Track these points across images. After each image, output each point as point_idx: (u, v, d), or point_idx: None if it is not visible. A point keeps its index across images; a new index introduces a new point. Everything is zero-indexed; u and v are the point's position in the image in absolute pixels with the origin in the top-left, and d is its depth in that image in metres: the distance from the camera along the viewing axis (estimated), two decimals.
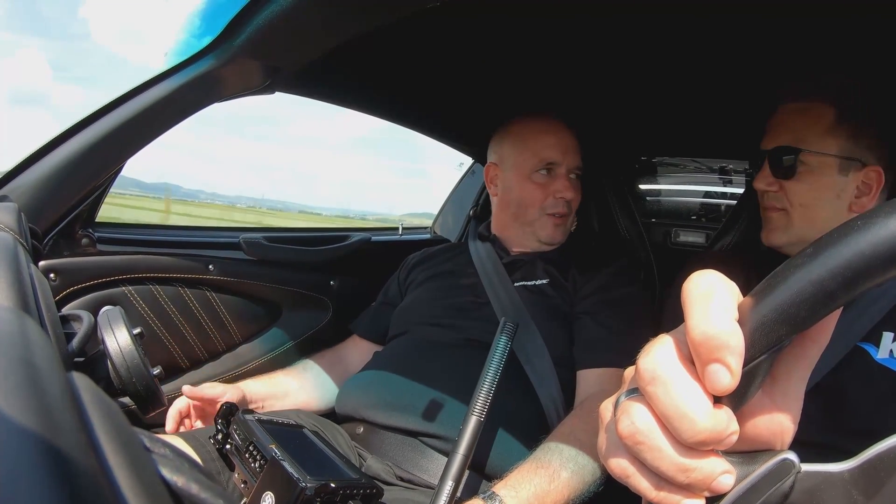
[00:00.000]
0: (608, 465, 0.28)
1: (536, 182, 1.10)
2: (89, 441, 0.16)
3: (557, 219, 1.11)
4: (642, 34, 0.91)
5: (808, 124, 0.81)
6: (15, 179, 0.74)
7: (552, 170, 1.10)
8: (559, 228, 1.12)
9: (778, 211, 0.84)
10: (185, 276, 1.00)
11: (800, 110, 0.83)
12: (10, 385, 0.16)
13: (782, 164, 0.83)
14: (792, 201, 0.82)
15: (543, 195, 1.10)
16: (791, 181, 0.82)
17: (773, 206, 0.85)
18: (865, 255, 0.22)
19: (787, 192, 0.83)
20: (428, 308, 1.08)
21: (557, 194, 1.09)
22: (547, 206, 1.10)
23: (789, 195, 0.83)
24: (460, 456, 0.66)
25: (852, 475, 0.25)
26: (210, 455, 0.77)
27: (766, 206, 0.86)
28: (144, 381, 0.48)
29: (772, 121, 0.87)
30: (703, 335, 0.24)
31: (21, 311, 0.31)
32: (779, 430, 0.27)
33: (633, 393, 0.27)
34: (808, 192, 0.81)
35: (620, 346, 0.92)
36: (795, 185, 0.82)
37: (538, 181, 1.10)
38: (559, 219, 1.11)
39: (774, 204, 0.84)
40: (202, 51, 0.80)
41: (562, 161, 1.10)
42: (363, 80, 1.14)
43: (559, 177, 1.10)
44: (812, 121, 0.81)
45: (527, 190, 1.11)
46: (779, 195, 0.84)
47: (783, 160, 0.82)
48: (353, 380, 1.01)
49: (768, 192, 0.85)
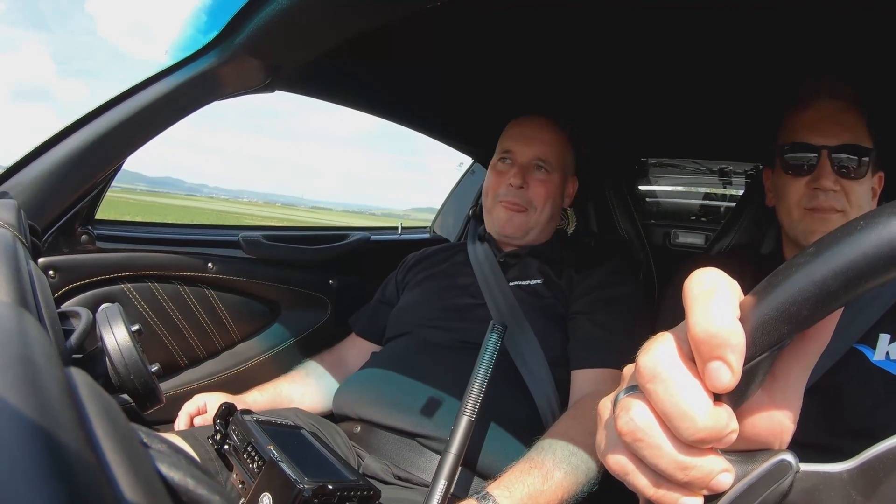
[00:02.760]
0: (606, 462, 0.28)
1: (496, 171, 1.14)
2: (87, 437, 0.17)
3: (509, 206, 1.10)
4: (642, 35, 0.91)
5: (858, 125, 0.78)
6: (15, 176, 0.74)
7: (510, 158, 1.12)
8: (512, 221, 1.10)
9: (837, 213, 0.77)
10: (185, 274, 1.00)
11: (847, 109, 0.79)
12: (9, 381, 0.16)
13: (849, 163, 0.77)
14: (852, 203, 0.77)
15: (498, 183, 1.12)
16: (853, 181, 0.77)
17: (833, 208, 0.77)
18: (868, 255, 0.22)
19: (847, 193, 0.77)
20: (424, 309, 1.08)
21: (507, 181, 1.10)
22: (500, 194, 1.11)
23: (850, 196, 0.77)
24: (452, 455, 0.67)
25: (851, 476, 0.25)
26: (208, 455, 0.77)
27: (822, 207, 0.78)
28: (142, 378, 0.48)
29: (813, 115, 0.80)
30: (704, 333, 0.24)
31: (20, 307, 0.31)
32: (778, 429, 0.27)
33: (633, 390, 0.27)
34: (864, 193, 0.78)
35: (615, 345, 0.92)
36: (858, 185, 0.77)
37: (498, 170, 1.13)
38: (511, 206, 1.10)
39: (833, 205, 0.77)
40: (203, 49, 0.80)
41: (518, 150, 1.11)
42: (363, 79, 1.14)
43: (514, 166, 1.11)
44: (860, 122, 0.79)
45: (489, 178, 1.15)
46: (839, 196, 0.77)
47: (851, 159, 0.77)
48: (350, 379, 1.01)
49: (829, 193, 0.77)
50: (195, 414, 0.90)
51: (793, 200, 0.81)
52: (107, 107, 0.78)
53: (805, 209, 0.79)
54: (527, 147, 1.11)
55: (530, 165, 1.11)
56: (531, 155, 1.11)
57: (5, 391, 0.16)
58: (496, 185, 1.12)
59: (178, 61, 0.80)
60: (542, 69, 1.11)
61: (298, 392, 1.04)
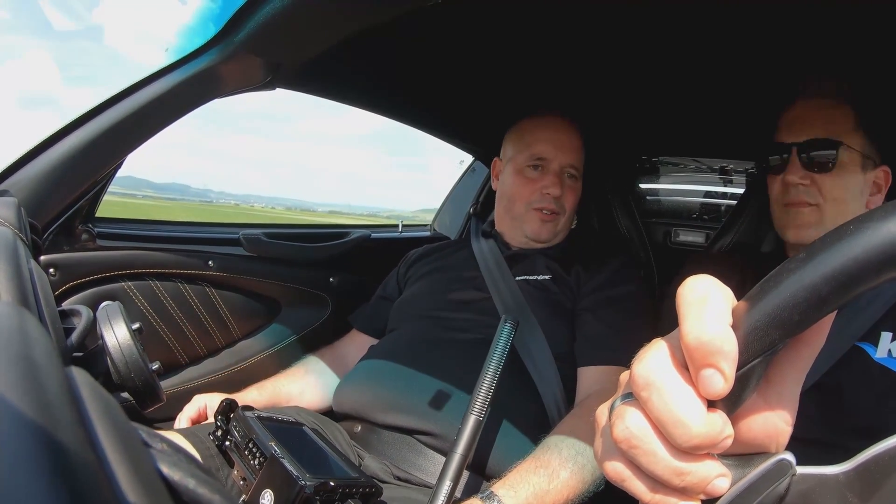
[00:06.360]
0: (604, 469, 0.28)
1: (527, 177, 1.11)
2: (88, 436, 0.17)
3: (544, 214, 1.10)
4: (643, 33, 0.91)
5: (840, 120, 0.80)
6: (15, 174, 0.74)
7: (543, 166, 1.10)
8: (546, 225, 1.10)
9: (809, 206, 0.81)
10: (185, 272, 1.00)
11: (829, 106, 0.81)
12: (10, 380, 0.16)
13: (817, 158, 0.80)
14: (825, 196, 0.80)
15: (531, 190, 1.10)
16: (826, 175, 0.80)
17: (804, 201, 0.81)
18: (858, 260, 0.22)
19: (819, 187, 0.80)
20: (427, 302, 1.07)
21: (545, 190, 1.09)
22: (533, 201, 1.10)
23: (823, 189, 0.80)
24: (459, 456, 0.65)
25: (847, 477, 0.25)
26: (209, 452, 0.76)
27: (793, 202, 0.82)
28: (143, 376, 0.48)
29: (792, 115, 0.84)
30: (696, 340, 0.24)
31: (20, 305, 0.31)
32: (774, 432, 0.27)
33: (628, 398, 0.27)
34: (841, 186, 0.79)
35: (622, 343, 0.92)
36: (830, 179, 0.80)
37: (529, 176, 1.11)
38: (546, 215, 1.10)
39: (805, 199, 0.81)
40: (203, 46, 0.79)
41: (553, 157, 1.10)
42: (364, 77, 1.14)
43: (549, 173, 1.10)
44: (843, 117, 0.80)
45: (517, 184, 1.12)
46: (810, 190, 0.80)
47: (819, 154, 0.80)
48: (350, 377, 1.01)
49: (798, 187, 0.81)
50: (195, 418, 0.89)
51: (773, 197, 0.86)
52: (107, 105, 0.78)
53: (783, 205, 0.84)
54: (561, 154, 1.10)
55: (563, 173, 1.11)
56: (565, 162, 1.10)
57: (6, 390, 0.16)
58: (528, 193, 1.10)
59: (178, 59, 0.80)
60: (544, 67, 1.10)
61: (297, 389, 1.04)
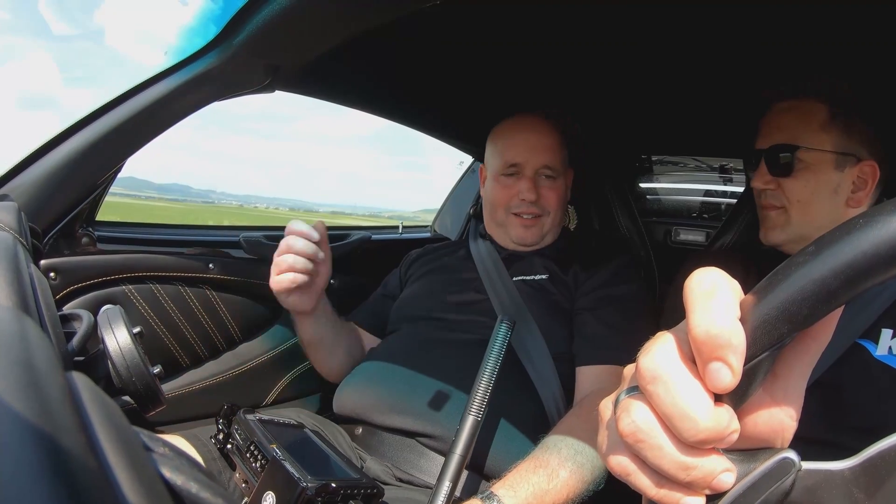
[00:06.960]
0: (608, 463, 0.28)
1: (503, 184, 1.11)
2: (89, 441, 0.17)
3: (524, 219, 1.10)
4: (642, 32, 0.91)
5: (803, 121, 0.81)
6: (15, 178, 0.74)
7: (517, 171, 1.10)
8: (529, 230, 1.10)
9: (776, 209, 0.84)
10: (186, 275, 1.00)
11: (792, 108, 0.83)
12: (10, 386, 0.16)
13: (779, 162, 0.83)
14: (790, 199, 0.82)
15: (508, 196, 1.10)
16: (788, 179, 0.82)
17: (771, 205, 0.85)
18: (868, 254, 0.22)
19: (784, 190, 0.83)
20: (426, 303, 1.08)
21: (520, 196, 1.09)
22: (512, 207, 1.10)
23: (787, 193, 0.83)
24: (457, 456, 0.65)
25: (853, 473, 0.25)
26: (211, 455, 0.77)
27: (763, 205, 0.87)
28: (144, 380, 0.48)
29: (764, 120, 0.87)
30: (705, 333, 0.24)
31: (21, 310, 0.31)
32: (780, 427, 0.27)
33: (634, 391, 0.27)
34: (805, 188, 0.81)
35: (620, 343, 0.92)
36: (793, 182, 0.82)
37: (504, 183, 1.11)
38: (526, 219, 1.10)
39: (772, 202, 0.84)
40: (202, 49, 0.79)
41: (525, 161, 1.09)
42: (363, 78, 1.14)
43: (523, 178, 1.09)
44: (806, 118, 0.81)
45: (495, 191, 1.12)
46: (776, 193, 0.84)
47: (780, 158, 0.82)
48: (350, 379, 1.00)
49: (766, 191, 0.85)
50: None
51: (755, 200, 0.90)
52: (107, 108, 0.78)
53: (759, 208, 0.89)
54: (533, 157, 1.09)
55: (538, 175, 1.10)
56: (538, 164, 1.10)
57: (7, 396, 0.16)
58: (506, 198, 1.10)
59: (178, 62, 0.80)
60: (543, 67, 1.10)
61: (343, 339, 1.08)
